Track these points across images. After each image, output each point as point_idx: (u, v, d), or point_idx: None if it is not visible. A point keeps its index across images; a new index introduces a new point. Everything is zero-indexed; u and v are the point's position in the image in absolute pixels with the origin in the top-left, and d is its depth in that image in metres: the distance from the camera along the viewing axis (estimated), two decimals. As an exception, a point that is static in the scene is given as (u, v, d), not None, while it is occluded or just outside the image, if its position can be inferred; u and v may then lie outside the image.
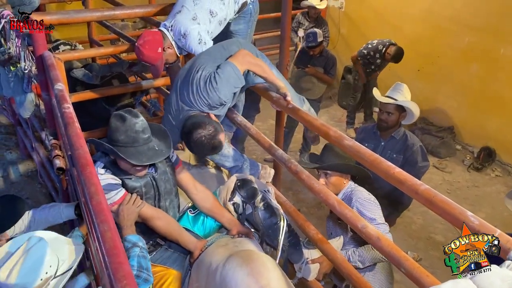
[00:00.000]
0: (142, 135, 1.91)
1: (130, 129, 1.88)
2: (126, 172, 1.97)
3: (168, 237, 2.09)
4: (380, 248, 1.67)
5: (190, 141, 2.24)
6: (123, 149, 1.87)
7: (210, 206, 2.22)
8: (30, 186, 4.59)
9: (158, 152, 1.95)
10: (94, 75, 3.50)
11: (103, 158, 1.99)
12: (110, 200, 1.89)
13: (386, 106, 3.03)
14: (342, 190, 2.40)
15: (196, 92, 2.32)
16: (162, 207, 2.12)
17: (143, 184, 2.03)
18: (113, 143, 1.89)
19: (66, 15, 2.67)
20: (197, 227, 2.26)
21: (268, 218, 2.16)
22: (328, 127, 2.03)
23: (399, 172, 1.59)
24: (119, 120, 1.89)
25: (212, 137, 2.21)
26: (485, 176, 5.16)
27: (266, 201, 2.20)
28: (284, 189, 3.95)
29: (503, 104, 5.11)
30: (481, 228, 1.30)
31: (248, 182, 2.25)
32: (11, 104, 4.50)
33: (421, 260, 3.84)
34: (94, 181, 1.41)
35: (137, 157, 1.87)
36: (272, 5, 6.42)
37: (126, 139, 1.88)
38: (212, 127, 2.23)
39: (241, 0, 2.70)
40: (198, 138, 2.20)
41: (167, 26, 2.60)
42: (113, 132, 1.89)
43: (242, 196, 2.24)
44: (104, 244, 1.18)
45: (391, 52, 5.07)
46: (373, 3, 6.39)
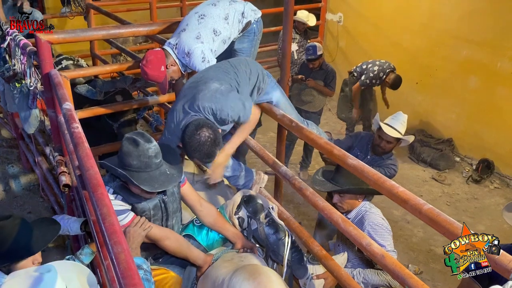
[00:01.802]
0: (154, 160, 1.91)
1: (143, 154, 1.88)
2: (136, 195, 1.99)
3: (178, 255, 2.12)
4: (385, 266, 1.70)
5: (192, 139, 2.18)
6: (136, 174, 1.86)
7: (214, 221, 2.26)
8: (32, 200, 4.60)
9: (169, 177, 1.95)
10: (97, 91, 3.54)
11: (111, 182, 1.99)
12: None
13: (387, 135, 3.14)
14: (356, 208, 2.45)
15: (209, 98, 2.31)
16: (169, 226, 2.16)
17: (152, 207, 2.05)
18: (125, 167, 1.88)
19: (73, 34, 2.72)
20: (200, 237, 2.31)
21: (273, 234, 2.19)
22: (332, 146, 2.06)
23: (403, 192, 1.63)
24: (132, 144, 1.89)
25: (215, 143, 2.19)
26: (484, 188, 5.20)
27: (270, 217, 2.24)
28: (285, 202, 3.98)
29: (501, 117, 5.17)
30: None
31: (253, 198, 2.29)
32: (14, 117, 4.54)
33: (422, 273, 3.86)
34: (106, 202, 1.44)
35: (150, 183, 1.87)
36: (271, 18, 6.50)
37: (138, 164, 1.87)
38: (216, 132, 2.22)
39: (245, 20, 2.75)
40: (202, 138, 2.16)
41: (172, 44, 2.66)
42: (126, 157, 1.88)
43: (248, 211, 2.28)
44: (119, 266, 1.21)
45: (390, 80, 5.14)
46: (371, 17, 6.47)
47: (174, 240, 2.08)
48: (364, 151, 3.36)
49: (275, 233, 2.19)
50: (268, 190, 2.97)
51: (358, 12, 6.70)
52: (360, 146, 3.40)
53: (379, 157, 3.28)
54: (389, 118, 3.24)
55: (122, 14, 4.88)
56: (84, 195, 1.93)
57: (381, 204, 3.43)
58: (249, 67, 2.55)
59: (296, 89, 5.09)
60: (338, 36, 7.08)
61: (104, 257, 1.70)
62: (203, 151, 2.18)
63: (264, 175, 2.76)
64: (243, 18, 2.77)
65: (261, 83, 2.61)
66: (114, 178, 2.00)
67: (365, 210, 2.43)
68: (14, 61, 3.19)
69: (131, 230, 1.92)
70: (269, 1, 7.63)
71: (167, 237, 2.06)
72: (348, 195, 2.45)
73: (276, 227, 2.21)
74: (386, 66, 5.15)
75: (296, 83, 5.09)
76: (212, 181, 2.50)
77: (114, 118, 3.68)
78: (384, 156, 3.27)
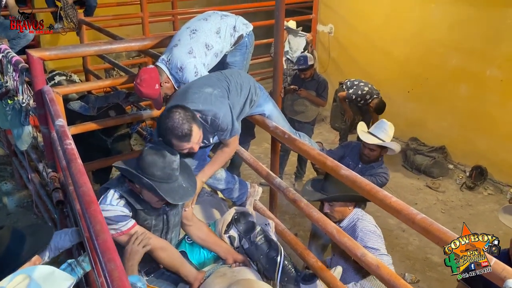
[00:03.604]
0: (175, 172, 1.94)
1: (168, 166, 1.91)
2: (144, 202, 1.99)
3: (170, 267, 2.11)
4: (380, 276, 1.70)
5: (164, 120, 2.09)
6: (158, 184, 1.88)
7: (205, 237, 2.25)
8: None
9: (186, 190, 1.98)
10: (90, 106, 3.54)
11: (120, 186, 1.99)
12: (118, 230, 1.92)
13: (367, 143, 3.23)
14: (348, 216, 2.46)
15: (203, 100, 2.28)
16: (168, 239, 2.15)
17: (155, 217, 2.05)
18: (147, 176, 1.89)
19: (65, 50, 2.73)
20: (192, 255, 2.28)
21: (266, 252, 2.17)
22: (325, 157, 2.07)
23: (395, 202, 1.63)
24: (158, 155, 1.91)
25: (188, 119, 2.07)
26: (478, 195, 5.22)
27: (264, 235, 2.22)
28: (281, 213, 3.98)
29: (492, 123, 5.22)
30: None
31: (246, 216, 2.28)
32: (6, 134, 4.52)
33: (418, 281, 3.86)
34: (99, 219, 1.43)
35: (171, 195, 1.89)
36: (264, 31, 6.55)
37: (162, 175, 1.89)
38: (192, 113, 2.13)
39: (237, 33, 2.78)
40: (174, 115, 2.06)
41: (165, 60, 2.67)
42: (149, 166, 1.89)
43: (239, 230, 2.26)
44: (112, 284, 1.20)
45: (373, 105, 5.19)
46: (362, 27, 6.54)
47: (170, 253, 2.07)
48: (355, 160, 3.41)
49: (269, 251, 2.18)
50: (263, 202, 2.97)
51: (348, 23, 6.77)
52: (352, 156, 3.44)
53: (370, 166, 3.31)
54: (372, 126, 3.35)
55: (115, 29, 4.90)
56: (77, 211, 1.93)
57: (376, 213, 3.44)
58: (241, 79, 2.56)
59: (289, 99, 5.11)
60: (330, 47, 7.14)
61: (98, 274, 1.68)
62: (176, 129, 2.05)
63: (258, 187, 2.75)
64: (235, 32, 2.79)
65: (253, 95, 2.62)
66: (123, 182, 2.00)
67: (357, 217, 2.45)
68: (6, 78, 3.20)
69: (131, 247, 1.92)
70: (260, 14, 7.69)
71: (164, 248, 2.05)
72: (338, 203, 2.46)
73: (269, 245, 2.19)
74: (375, 92, 5.22)
75: (288, 94, 5.12)
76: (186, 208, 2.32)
77: (108, 133, 3.68)
78: (374, 165, 3.30)
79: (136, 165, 1.93)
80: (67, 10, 5.28)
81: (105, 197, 1.97)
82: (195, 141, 2.14)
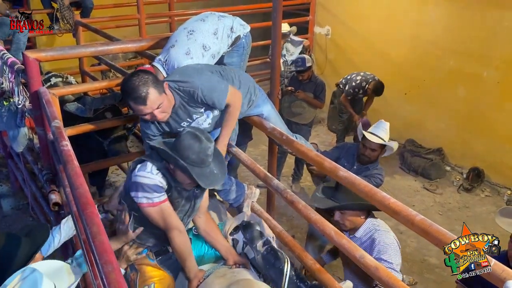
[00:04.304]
0: (209, 158, 2.02)
1: (203, 151, 1.98)
2: (176, 182, 2.05)
3: (178, 254, 2.12)
4: (379, 278, 1.69)
5: (125, 82, 2.21)
6: (191, 167, 1.94)
7: (211, 232, 2.28)
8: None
9: (216, 176, 2.05)
10: (87, 108, 3.52)
11: (158, 162, 2.04)
12: (149, 200, 1.99)
13: (370, 143, 3.18)
14: (363, 226, 2.43)
15: (180, 71, 2.39)
16: (185, 222, 2.20)
17: (185, 198, 2.12)
18: (182, 158, 1.95)
19: (61, 51, 2.71)
20: (193, 246, 2.30)
21: (272, 262, 2.15)
22: (323, 158, 2.06)
23: (394, 203, 1.63)
24: (195, 139, 1.98)
25: (145, 83, 2.16)
26: (475, 197, 5.23)
27: (271, 245, 2.20)
28: (278, 215, 3.96)
29: (489, 125, 5.23)
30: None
31: (252, 225, 2.27)
32: (2, 136, 4.49)
33: (416, 283, 3.85)
34: (96, 221, 1.42)
35: (202, 179, 1.97)
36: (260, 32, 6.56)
37: (196, 159, 1.96)
38: (152, 77, 2.21)
39: (234, 34, 2.76)
40: (133, 77, 2.17)
41: (162, 60, 2.65)
42: (185, 149, 1.96)
43: (245, 237, 2.25)
44: (109, 286, 1.19)
45: (371, 87, 5.23)
46: (359, 29, 6.56)
47: (184, 239, 2.11)
48: (351, 161, 3.39)
49: (274, 261, 2.15)
50: (261, 204, 2.96)
51: (345, 25, 6.78)
52: (347, 157, 3.43)
53: (365, 167, 3.30)
54: (372, 127, 3.31)
55: (111, 31, 4.89)
56: (74, 213, 1.91)
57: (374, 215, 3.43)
58: (241, 76, 2.60)
59: (286, 101, 5.11)
60: (327, 49, 7.15)
61: (94, 276, 1.67)
62: (133, 91, 2.15)
63: (256, 189, 2.75)
64: (232, 33, 2.78)
65: (252, 95, 2.62)
66: (160, 160, 2.05)
67: (374, 228, 2.41)
68: (1, 79, 3.17)
69: (126, 250, 2.04)
70: (258, 15, 7.69)
71: (181, 231, 2.09)
72: (350, 212, 2.43)
73: (275, 255, 2.17)
74: (370, 77, 5.23)
75: (286, 96, 5.12)
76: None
77: (104, 135, 3.66)
78: (370, 166, 3.29)
79: (173, 147, 2.00)
80: (64, 11, 5.27)
81: (144, 165, 2.02)
82: (153, 107, 2.20)
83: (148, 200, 1.99)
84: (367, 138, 3.19)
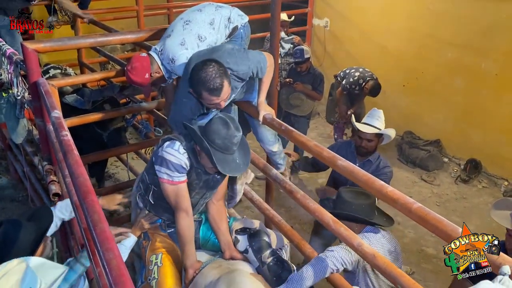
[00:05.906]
0: (234, 146, 2.07)
1: (229, 138, 2.03)
2: (199, 164, 2.13)
3: (179, 236, 2.18)
4: (376, 266, 1.71)
5: (198, 73, 2.18)
6: (214, 151, 2.01)
7: (218, 221, 2.34)
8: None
9: (238, 165, 2.10)
10: (85, 100, 3.52)
11: (187, 142, 2.11)
12: (170, 177, 2.08)
13: (365, 134, 3.12)
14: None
15: (228, 55, 2.38)
16: (199, 204, 2.29)
17: (203, 181, 2.18)
18: (208, 141, 2.00)
19: (60, 42, 2.70)
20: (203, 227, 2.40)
21: (279, 273, 2.14)
22: (321, 148, 2.08)
23: (392, 191, 1.64)
24: (223, 125, 2.03)
25: (220, 74, 2.17)
26: (473, 188, 5.26)
27: (277, 256, 2.19)
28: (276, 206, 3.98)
29: (487, 117, 5.25)
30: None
31: (259, 234, 2.27)
32: (1, 128, 4.49)
33: (413, 273, 3.89)
34: (96, 209, 1.43)
35: (223, 165, 2.02)
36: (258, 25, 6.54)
37: (221, 144, 2.02)
38: (224, 69, 2.22)
39: (231, 25, 2.75)
40: (208, 67, 2.16)
41: (158, 50, 2.65)
42: (212, 133, 2.02)
43: (251, 244, 2.26)
44: (111, 273, 1.20)
45: (368, 86, 5.15)
46: (357, 21, 6.55)
47: (189, 222, 2.16)
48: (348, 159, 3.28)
49: (282, 272, 2.15)
50: (260, 195, 2.98)
51: (344, 17, 6.77)
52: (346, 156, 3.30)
53: (367, 161, 3.22)
54: (366, 116, 3.23)
55: (110, 23, 4.86)
56: (74, 202, 1.93)
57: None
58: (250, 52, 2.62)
59: (285, 93, 5.12)
60: (325, 41, 7.14)
61: (96, 264, 1.69)
62: (209, 81, 2.15)
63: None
64: (229, 23, 2.76)
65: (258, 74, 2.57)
66: (190, 140, 2.12)
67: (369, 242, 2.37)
68: (0, 71, 3.17)
69: (141, 219, 2.25)
70: (256, 7, 7.67)
71: (189, 214, 2.15)
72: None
73: (282, 266, 2.17)
74: (368, 75, 5.17)
75: (284, 87, 5.12)
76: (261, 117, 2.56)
77: (103, 127, 3.67)
78: (371, 159, 3.21)
79: (203, 129, 2.05)
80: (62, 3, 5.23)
81: (173, 143, 2.10)
82: (223, 97, 2.24)
83: (168, 178, 2.08)
84: (360, 129, 3.14)
